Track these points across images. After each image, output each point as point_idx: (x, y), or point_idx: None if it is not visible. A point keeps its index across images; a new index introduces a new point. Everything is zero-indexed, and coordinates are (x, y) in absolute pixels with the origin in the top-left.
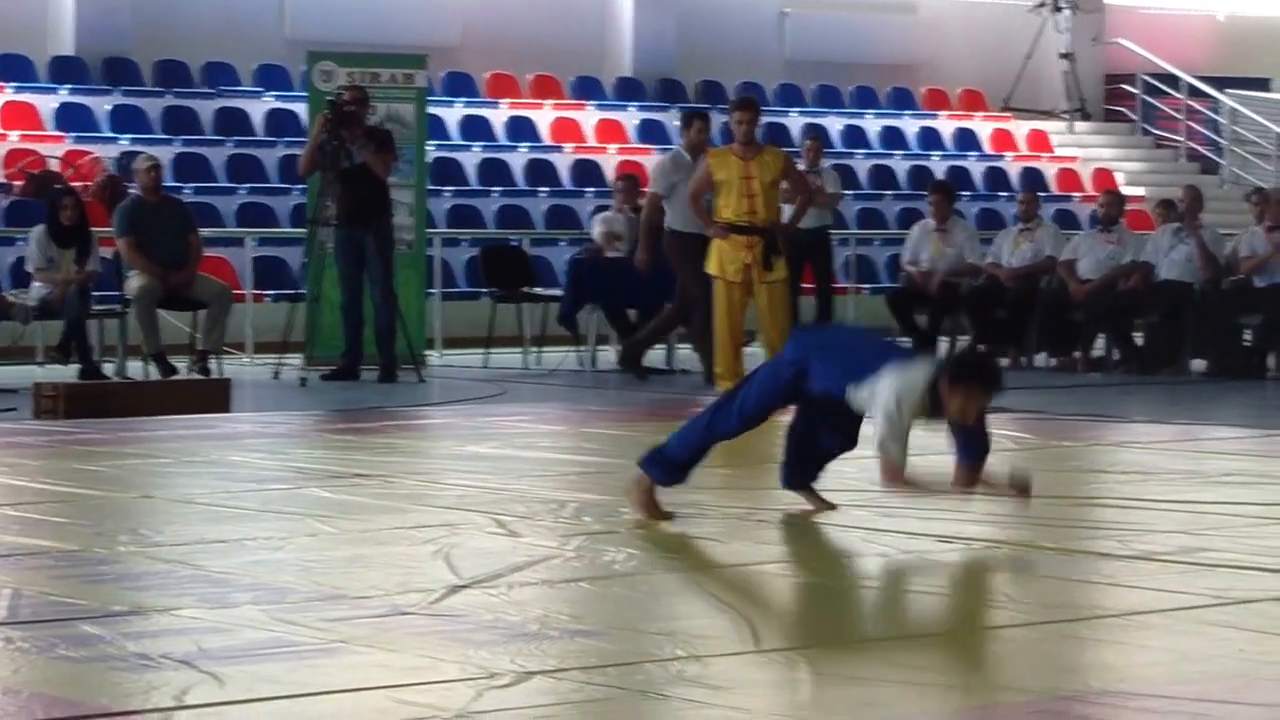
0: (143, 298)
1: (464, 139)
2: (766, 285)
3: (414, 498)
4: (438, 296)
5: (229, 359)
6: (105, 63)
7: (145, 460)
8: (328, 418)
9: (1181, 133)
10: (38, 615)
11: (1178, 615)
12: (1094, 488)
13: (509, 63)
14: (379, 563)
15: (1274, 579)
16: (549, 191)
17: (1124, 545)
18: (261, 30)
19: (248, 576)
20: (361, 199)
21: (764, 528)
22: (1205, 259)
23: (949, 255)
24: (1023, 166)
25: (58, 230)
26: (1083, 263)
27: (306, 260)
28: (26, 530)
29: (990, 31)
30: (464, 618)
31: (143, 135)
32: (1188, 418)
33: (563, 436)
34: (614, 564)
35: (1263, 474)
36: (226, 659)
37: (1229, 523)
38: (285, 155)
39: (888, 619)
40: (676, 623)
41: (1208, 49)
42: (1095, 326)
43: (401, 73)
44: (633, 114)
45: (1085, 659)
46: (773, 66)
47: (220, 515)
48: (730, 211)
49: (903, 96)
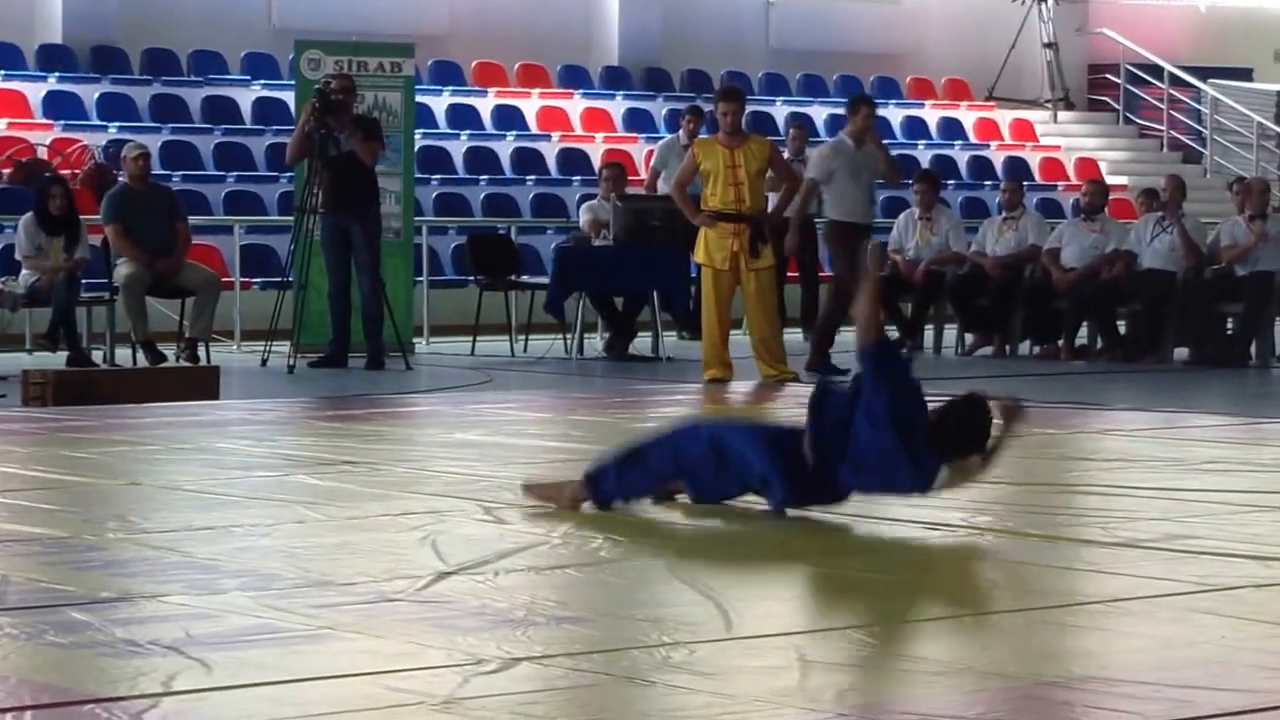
0: (131, 285)
1: (451, 128)
2: (754, 272)
3: (401, 484)
4: (425, 284)
5: (217, 346)
6: (93, 51)
7: (133, 447)
8: (315, 405)
9: (1164, 122)
10: (26, 602)
11: (1160, 602)
12: (1077, 475)
13: (496, 52)
14: (366, 549)
15: (1256, 566)
16: (536, 180)
17: (1107, 532)
18: (249, 19)
19: (235, 563)
20: (349, 187)
21: (748, 515)
22: (1188, 248)
23: (934, 244)
24: (1007, 155)
25: (46, 218)
26: (1066, 251)
27: (294, 248)
28: (15, 517)
29: (974, 21)
30: (451, 604)
31: (131, 123)
32: (1171, 405)
33: (549, 424)
34: (600, 551)
35: (1245, 461)
36: (214, 645)
37: (1211, 510)
38: (273, 144)
39: (872, 606)
40: (662, 609)
41: (1190, 39)
42: (1079, 315)
43: (389, 61)
44: (619, 103)
45: (1068, 645)
46: (758, 56)
47: (208, 502)
48: (717, 200)
49: (888, 86)
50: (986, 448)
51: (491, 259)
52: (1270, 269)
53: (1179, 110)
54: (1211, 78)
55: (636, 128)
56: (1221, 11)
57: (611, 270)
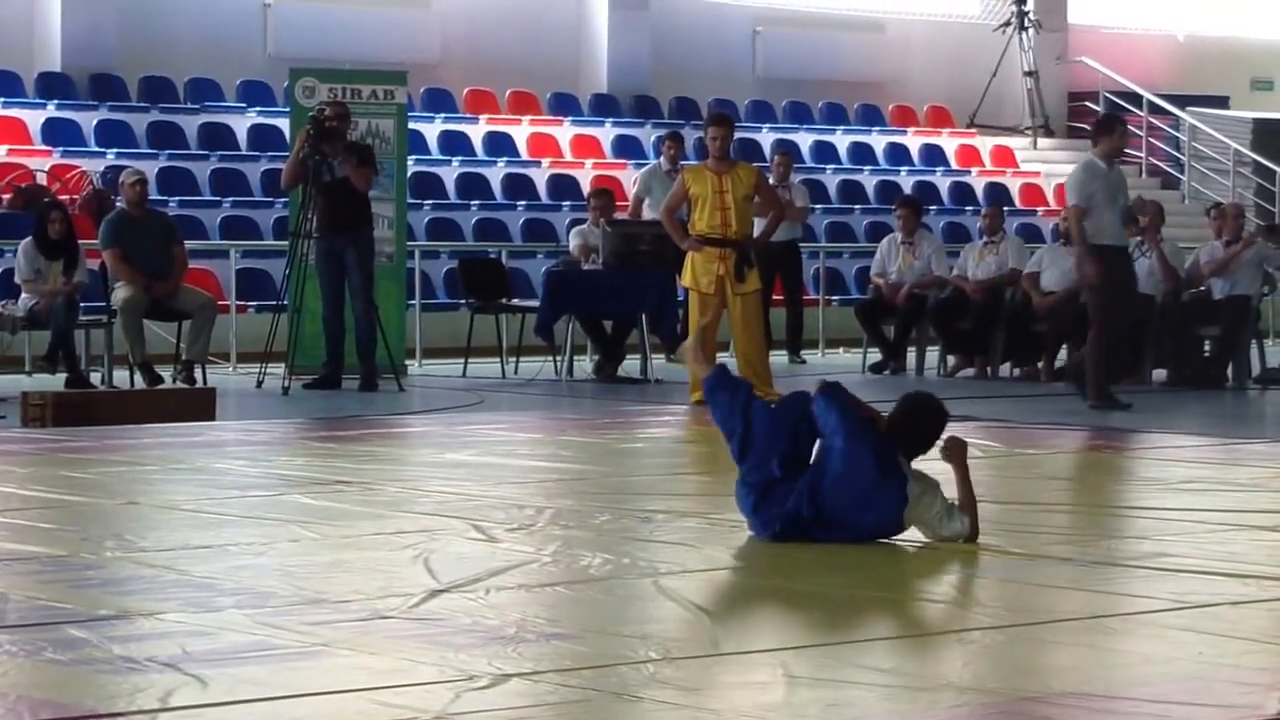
0: (128, 308)
1: (443, 154)
2: (740, 296)
3: (394, 504)
4: (417, 307)
5: (213, 368)
6: (91, 79)
7: (131, 467)
8: (310, 426)
9: (1143, 149)
10: (25, 619)
11: (1138, 619)
12: (1058, 494)
13: (487, 79)
14: (360, 567)
15: (1233, 583)
16: (526, 205)
17: (1087, 551)
18: (245, 47)
19: (231, 581)
20: (343, 212)
21: (735, 533)
22: (1166, 272)
23: (916, 268)
24: (988, 181)
25: (45, 242)
26: (1046, 275)
27: (289, 272)
28: (14, 536)
29: (956, 50)
30: (443, 621)
31: (128, 150)
32: (1149, 426)
33: (539, 444)
34: (589, 569)
35: (1222, 481)
36: (210, 662)
37: (1189, 528)
38: (268, 169)
39: (856, 622)
40: (650, 626)
41: (1168, 68)
42: (1058, 337)
43: (382, 89)
44: (608, 130)
45: (1047, 661)
46: (745, 84)
47: (204, 521)
48: (704, 225)
49: (871, 113)
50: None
51: (482, 283)
52: (1246, 292)
53: (1157, 137)
54: (1189, 105)
55: (625, 154)
56: (1199, 41)
57: (600, 293)
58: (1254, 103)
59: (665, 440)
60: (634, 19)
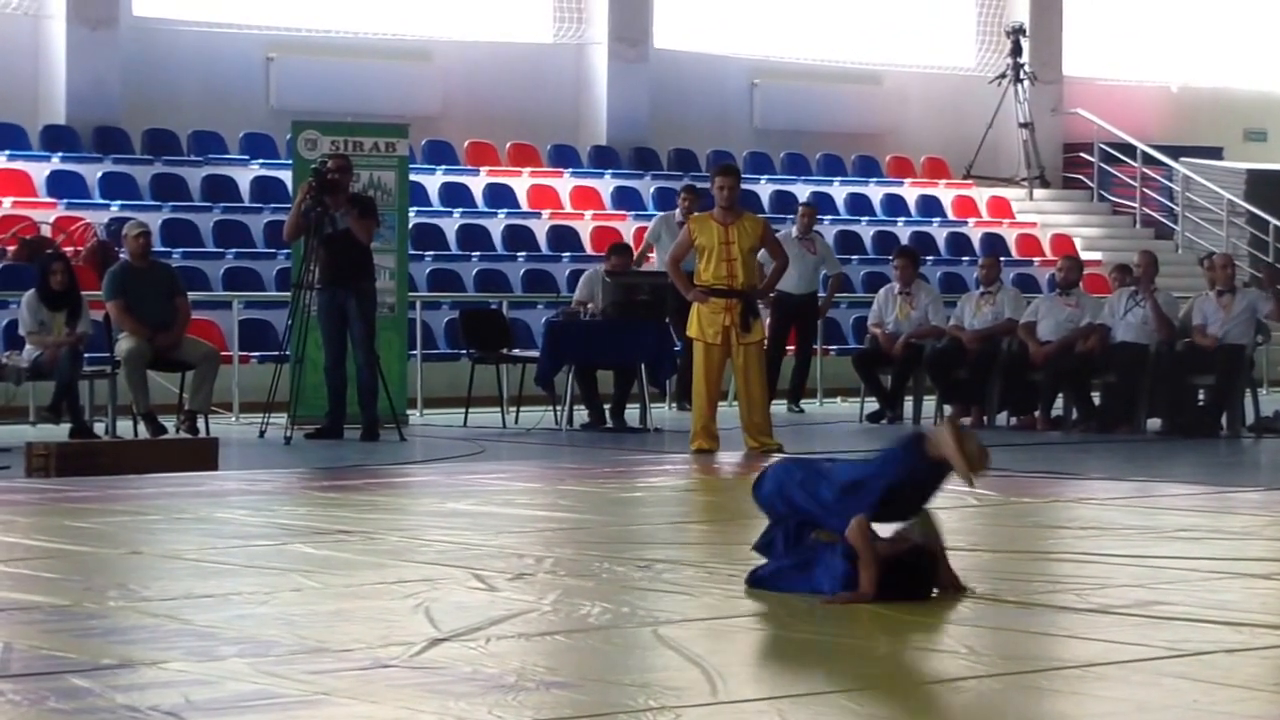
0: (132, 359)
1: (444, 205)
2: (744, 346)
3: (395, 553)
4: (419, 358)
5: (216, 418)
6: (96, 131)
7: (134, 517)
8: (312, 475)
9: (1137, 200)
10: (29, 668)
11: (1134, 667)
12: (1052, 543)
13: (488, 132)
14: (361, 616)
15: (1227, 631)
16: (526, 256)
17: (1081, 598)
18: (248, 100)
19: (233, 630)
20: (345, 263)
21: (734, 581)
22: (1160, 321)
23: (913, 318)
24: (984, 232)
25: (48, 293)
26: (1042, 325)
27: (291, 322)
28: (18, 585)
29: (952, 102)
30: (444, 670)
31: (132, 201)
32: (1143, 475)
33: (539, 493)
34: (589, 617)
35: (1216, 529)
36: (213, 711)
37: (1183, 577)
38: (271, 221)
39: (852, 671)
40: (649, 675)
41: (1162, 119)
42: (1054, 386)
43: (384, 141)
44: (608, 181)
45: (1044, 709)
46: (743, 135)
47: (207, 570)
48: (710, 275)
49: (868, 164)
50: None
51: (483, 333)
52: (1240, 342)
53: (1151, 188)
54: (1183, 156)
55: (625, 205)
56: (1192, 92)
57: (600, 343)
58: (1247, 153)
59: (665, 489)
60: (633, 72)
